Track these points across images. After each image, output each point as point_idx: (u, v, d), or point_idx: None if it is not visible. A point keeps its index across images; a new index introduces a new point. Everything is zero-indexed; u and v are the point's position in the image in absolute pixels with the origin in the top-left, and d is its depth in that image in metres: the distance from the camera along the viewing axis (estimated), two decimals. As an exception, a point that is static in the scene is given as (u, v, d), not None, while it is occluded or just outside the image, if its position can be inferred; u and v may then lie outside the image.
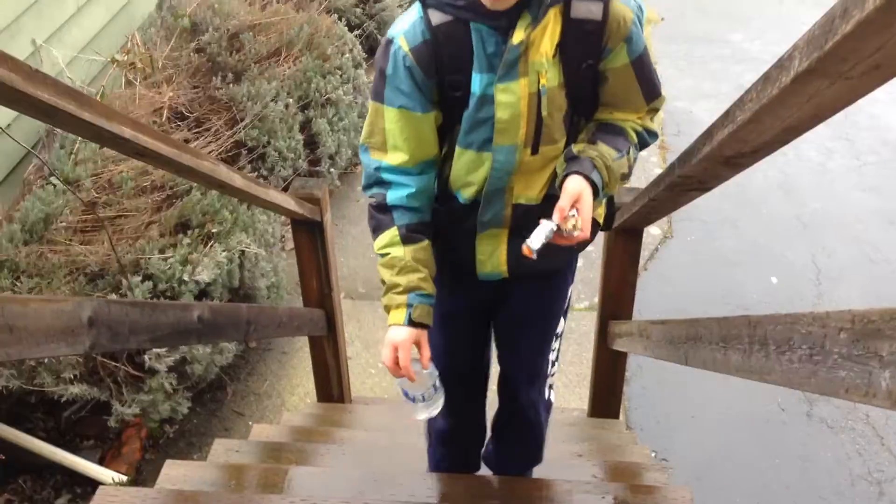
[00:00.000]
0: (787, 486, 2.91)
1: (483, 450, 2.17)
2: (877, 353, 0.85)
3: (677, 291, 3.96)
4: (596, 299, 2.84)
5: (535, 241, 1.36)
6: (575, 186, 1.38)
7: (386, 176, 1.50)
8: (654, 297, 3.82)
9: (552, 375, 1.96)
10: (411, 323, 1.48)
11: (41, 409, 2.92)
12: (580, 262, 2.01)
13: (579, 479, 1.99)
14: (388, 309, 1.53)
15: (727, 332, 1.34)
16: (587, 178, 1.39)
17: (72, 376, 2.65)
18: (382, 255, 1.53)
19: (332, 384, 3.04)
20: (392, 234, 1.51)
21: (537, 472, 2.15)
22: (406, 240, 1.51)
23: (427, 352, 1.52)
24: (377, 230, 1.54)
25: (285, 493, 1.79)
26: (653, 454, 2.94)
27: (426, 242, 1.54)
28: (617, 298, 2.61)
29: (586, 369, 3.17)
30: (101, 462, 2.85)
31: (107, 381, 2.78)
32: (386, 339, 1.51)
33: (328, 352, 2.95)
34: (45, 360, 2.59)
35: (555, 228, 1.36)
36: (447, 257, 1.65)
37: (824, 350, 1.00)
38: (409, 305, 1.48)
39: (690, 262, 4.21)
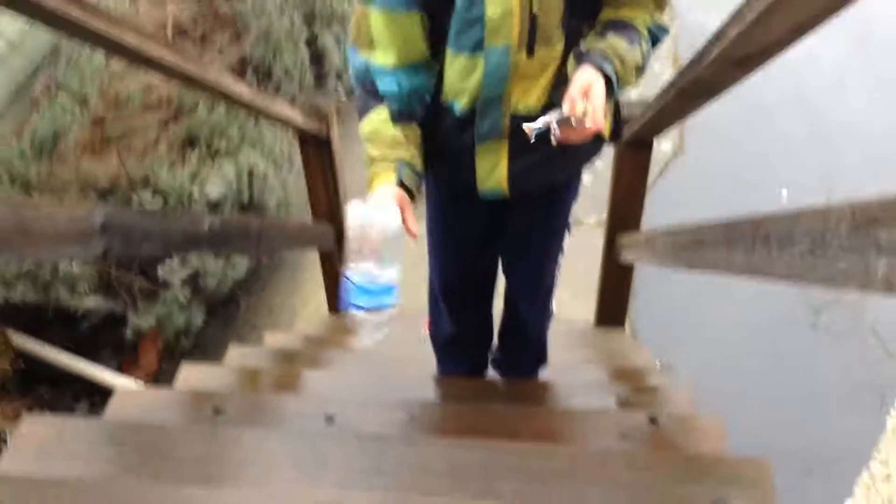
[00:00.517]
0: (790, 394, 2.97)
1: (491, 354, 2.22)
2: (875, 242, 0.86)
3: (686, 207, 3.95)
4: (605, 214, 2.86)
5: (538, 122, 1.32)
6: (585, 76, 1.33)
7: (375, 72, 1.45)
8: (662, 214, 3.82)
9: (555, 286, 1.99)
10: (402, 185, 1.42)
11: (58, 322, 3.00)
12: (588, 179, 2.00)
13: (584, 381, 2.04)
14: (372, 180, 1.45)
15: (731, 234, 1.35)
16: (599, 68, 1.34)
17: (87, 289, 2.71)
18: (369, 134, 1.47)
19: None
20: (381, 112, 1.46)
21: (543, 376, 2.21)
22: (397, 117, 1.46)
23: (412, 218, 1.39)
24: (364, 111, 1.48)
25: (299, 395, 1.85)
26: (657, 362, 3.00)
27: (416, 127, 1.49)
28: (625, 211, 2.62)
29: (594, 283, 3.21)
30: (118, 371, 2.93)
31: (122, 294, 2.84)
32: (369, 197, 1.41)
33: (338, 265, 2.99)
34: (60, 274, 2.64)
35: (562, 116, 1.29)
36: (447, 180, 1.64)
37: (825, 243, 1.02)
38: (397, 171, 1.42)
39: (701, 178, 4.19)
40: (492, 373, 2.27)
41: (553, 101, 1.44)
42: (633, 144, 2.42)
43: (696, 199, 4.03)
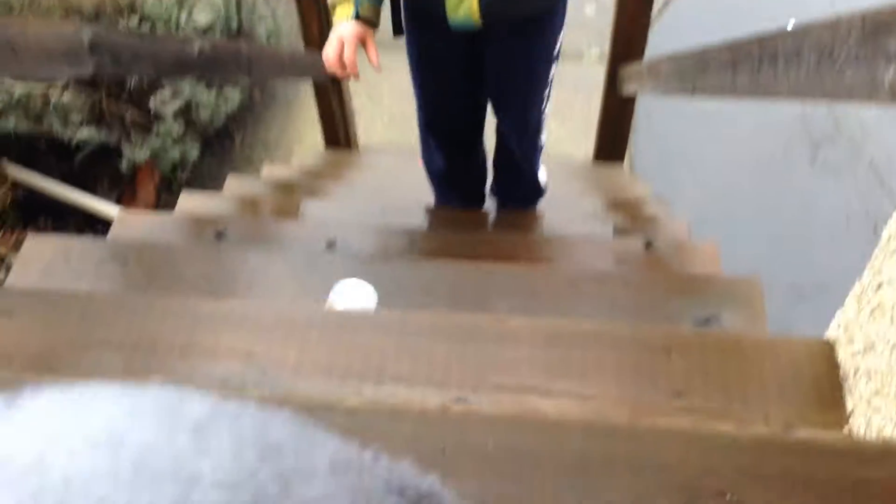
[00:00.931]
0: (784, 227, 3.01)
1: (488, 187, 2.23)
2: (884, 50, 0.84)
3: (691, 40, 3.83)
4: (607, 46, 2.77)
5: None
6: None
7: None
8: (666, 47, 3.71)
9: (545, 121, 1.95)
10: (358, 18, 1.50)
11: (54, 154, 2.97)
12: (592, 9, 1.92)
13: (581, 212, 2.06)
14: (333, 7, 1.54)
15: (737, 55, 1.32)
16: None
17: (80, 120, 2.67)
18: None
19: (338, 131, 3.06)
20: None
21: (540, 207, 2.22)
22: None
23: (374, 50, 1.51)
24: None
25: (300, 222, 1.87)
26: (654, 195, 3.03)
27: None
28: (628, 41, 2.54)
29: (594, 119, 3.17)
30: (117, 202, 2.95)
31: (115, 126, 2.80)
32: (331, 35, 1.52)
33: (333, 99, 2.93)
34: (52, 103, 2.59)
35: None
36: (419, 13, 1.60)
37: (832, 56, 0.99)
38: (354, 2, 1.49)
39: (707, 9, 4.04)
40: (491, 206, 2.29)
41: None
42: (640, -32, 2.31)
43: (702, 32, 3.90)
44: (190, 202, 2.01)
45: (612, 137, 2.84)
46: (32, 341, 1.21)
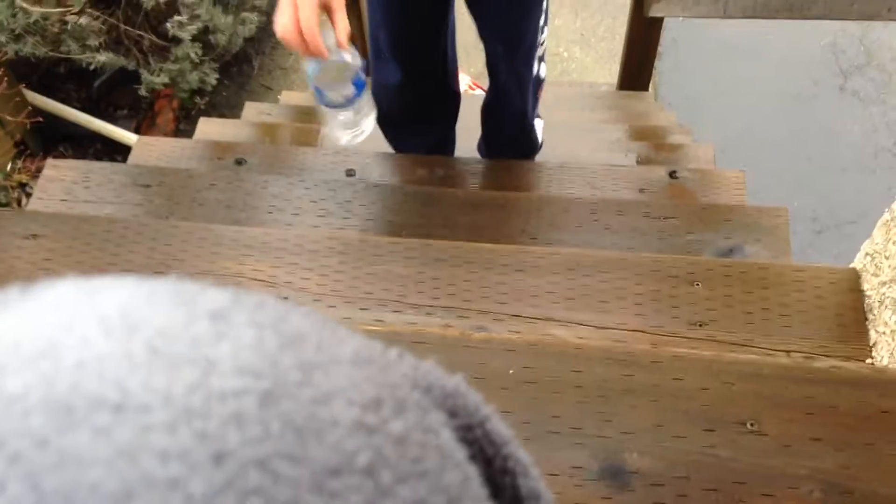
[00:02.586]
0: (810, 158, 2.96)
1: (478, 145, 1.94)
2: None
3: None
4: (633, -34, 2.68)
5: None
6: None
7: None
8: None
9: (541, 45, 1.62)
10: None
11: (72, 79, 2.96)
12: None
13: (604, 140, 2.02)
14: None
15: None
16: None
17: (97, 44, 2.64)
18: None
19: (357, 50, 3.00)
20: None
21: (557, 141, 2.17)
22: None
23: (342, 19, 1.12)
24: None
25: (319, 149, 1.85)
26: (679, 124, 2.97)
27: None
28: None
29: (618, 45, 3.09)
30: (136, 132, 2.94)
31: (133, 51, 2.77)
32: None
33: (351, 15, 2.86)
34: (69, 27, 2.56)
35: None
36: None
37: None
38: None
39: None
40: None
41: None
42: None
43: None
44: (208, 129, 2.00)
45: (638, 64, 2.77)
46: (57, 264, 1.22)
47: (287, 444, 0.16)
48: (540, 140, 1.85)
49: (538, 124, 1.82)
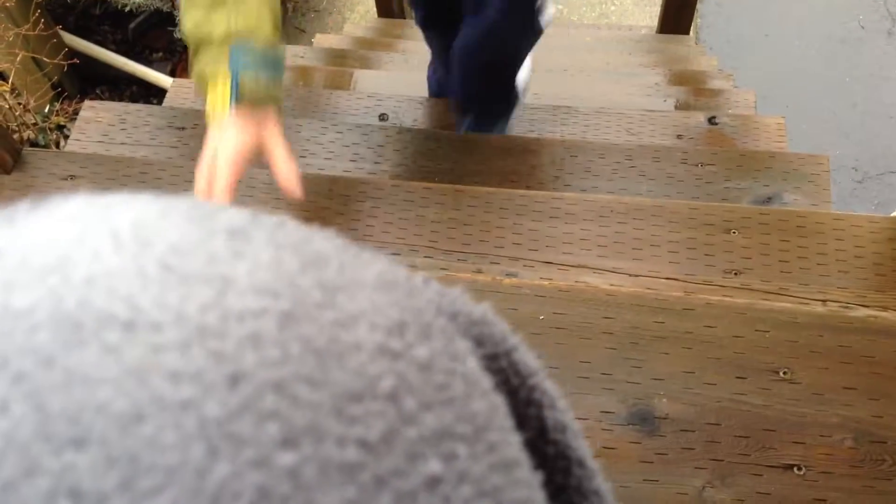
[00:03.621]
0: (856, 104, 2.87)
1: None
2: None
3: None
4: None
5: None
6: None
7: None
8: None
9: None
10: (243, 102, 0.84)
11: (107, 21, 2.96)
12: None
13: (642, 84, 1.98)
14: (200, 82, 0.88)
15: None
16: None
17: (131, -14, 2.63)
18: None
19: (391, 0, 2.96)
20: None
21: (594, 86, 2.13)
22: None
23: (286, 161, 0.88)
24: None
25: (352, 92, 1.84)
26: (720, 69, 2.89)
27: None
28: None
29: (659, -13, 3.01)
30: (171, 74, 2.94)
31: (167, -7, 2.76)
32: (205, 143, 0.87)
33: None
34: (103, -32, 2.55)
35: None
36: None
37: None
38: (233, 71, 0.83)
39: None
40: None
41: None
42: None
43: None
44: (243, 71, 1.99)
45: (679, 5, 2.69)
46: (94, 206, 1.24)
47: (307, 366, 0.15)
48: (522, 88, 1.60)
49: (524, 69, 1.58)
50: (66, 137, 2.23)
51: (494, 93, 1.57)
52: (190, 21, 0.85)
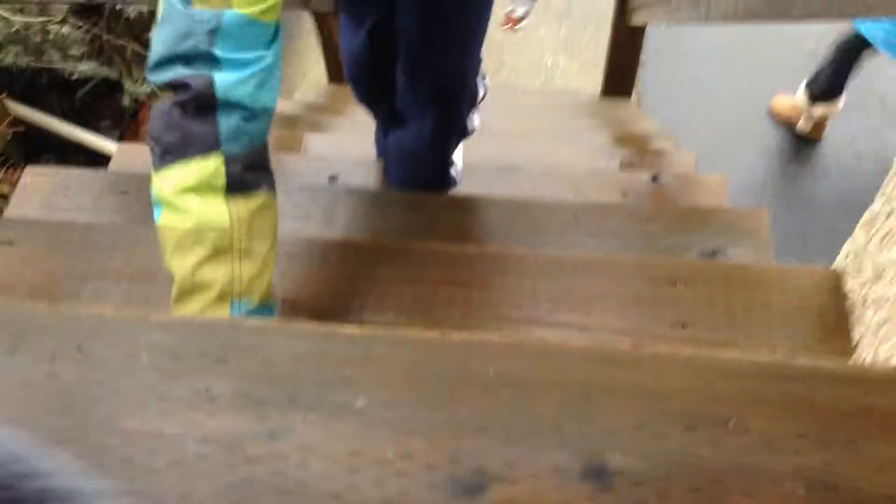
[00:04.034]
0: (794, 166, 2.98)
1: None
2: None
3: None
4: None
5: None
6: None
7: (224, 42, 0.84)
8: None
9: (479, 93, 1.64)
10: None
11: (55, 90, 2.94)
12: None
13: (587, 146, 2.03)
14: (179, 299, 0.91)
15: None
16: None
17: (80, 54, 2.63)
18: (174, 209, 0.86)
19: (341, 66, 3.00)
20: (208, 167, 0.85)
21: (541, 148, 2.18)
22: (235, 186, 0.87)
23: None
24: (176, 152, 0.86)
25: (302, 156, 1.85)
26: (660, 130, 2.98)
27: (264, 196, 0.93)
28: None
29: (602, 53, 3.11)
30: (119, 141, 2.92)
31: (116, 60, 2.76)
32: None
33: (336, 30, 2.86)
34: (51, 36, 2.55)
35: None
36: None
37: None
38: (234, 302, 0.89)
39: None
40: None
41: None
42: None
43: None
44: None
45: (621, 71, 2.78)
46: (33, 271, 1.21)
47: None
48: (457, 173, 1.69)
49: (457, 154, 1.67)
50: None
51: (428, 185, 1.64)
52: (184, 259, 0.88)
